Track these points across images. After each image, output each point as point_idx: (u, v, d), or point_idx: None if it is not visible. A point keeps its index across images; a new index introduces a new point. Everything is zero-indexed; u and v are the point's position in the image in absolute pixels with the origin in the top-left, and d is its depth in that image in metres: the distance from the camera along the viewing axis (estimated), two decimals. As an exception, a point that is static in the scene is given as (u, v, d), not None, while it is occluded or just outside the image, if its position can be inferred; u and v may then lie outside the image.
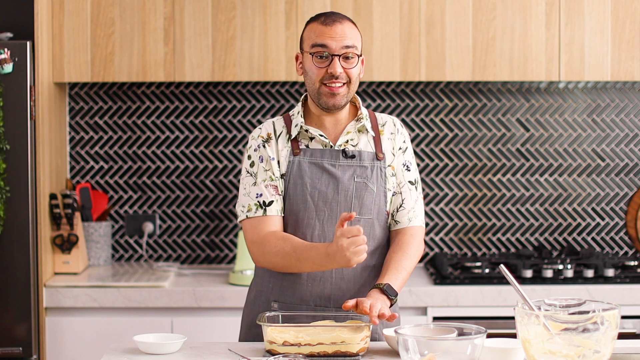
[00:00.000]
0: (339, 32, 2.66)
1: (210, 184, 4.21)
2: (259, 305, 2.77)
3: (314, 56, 2.68)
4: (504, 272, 2.29)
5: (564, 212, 4.22)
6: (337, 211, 2.70)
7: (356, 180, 2.72)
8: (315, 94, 2.71)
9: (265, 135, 2.78)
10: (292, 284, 2.72)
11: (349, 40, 2.67)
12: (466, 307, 3.69)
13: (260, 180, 2.73)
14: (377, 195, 2.73)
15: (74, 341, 3.70)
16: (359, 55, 2.70)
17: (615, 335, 2.12)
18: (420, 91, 4.20)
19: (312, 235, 2.70)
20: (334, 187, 2.71)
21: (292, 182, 2.72)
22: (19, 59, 3.61)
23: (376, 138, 2.78)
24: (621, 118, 4.21)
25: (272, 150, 2.75)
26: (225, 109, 4.20)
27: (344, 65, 2.67)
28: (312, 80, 2.70)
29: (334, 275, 2.71)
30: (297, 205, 2.70)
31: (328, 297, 2.71)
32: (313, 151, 2.74)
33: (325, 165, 2.73)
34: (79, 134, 4.20)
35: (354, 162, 2.73)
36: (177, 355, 2.50)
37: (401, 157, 2.80)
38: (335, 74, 2.66)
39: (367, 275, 2.73)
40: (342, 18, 2.70)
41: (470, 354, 2.14)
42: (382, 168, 2.75)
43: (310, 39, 2.69)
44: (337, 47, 2.66)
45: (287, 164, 2.73)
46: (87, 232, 4.03)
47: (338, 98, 2.69)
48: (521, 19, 3.86)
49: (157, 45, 3.85)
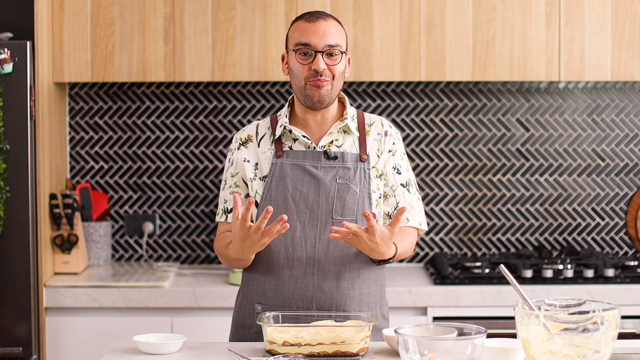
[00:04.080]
0: (322, 29, 2.67)
1: (210, 184, 4.21)
2: (245, 307, 2.78)
3: (297, 53, 2.69)
4: (504, 272, 2.29)
5: (564, 212, 4.22)
6: (319, 213, 2.70)
7: (338, 181, 2.71)
8: (301, 92, 2.71)
9: (245, 137, 2.81)
10: (275, 286, 2.72)
11: (332, 38, 2.67)
12: (466, 307, 3.69)
13: (227, 186, 2.80)
14: (360, 197, 2.71)
15: (74, 341, 3.70)
16: (342, 52, 2.70)
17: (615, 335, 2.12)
18: (420, 91, 4.20)
19: (293, 236, 2.70)
20: (315, 189, 2.71)
21: (275, 184, 2.72)
22: (19, 59, 3.61)
23: (361, 139, 2.77)
24: (621, 118, 4.21)
25: (249, 152, 2.78)
26: (225, 109, 4.20)
27: (328, 62, 2.67)
28: (297, 79, 2.70)
29: (316, 278, 2.70)
30: (279, 207, 2.70)
31: (310, 299, 2.70)
32: (295, 153, 2.74)
33: (307, 167, 2.72)
34: (79, 134, 4.20)
35: (337, 164, 2.72)
36: (177, 355, 2.50)
37: (391, 160, 2.78)
38: (319, 69, 2.66)
39: (350, 277, 2.72)
40: (326, 16, 2.71)
41: (470, 354, 2.14)
42: (365, 169, 2.73)
43: (294, 37, 2.71)
44: (320, 43, 2.66)
45: (270, 166, 2.74)
46: (87, 232, 4.03)
47: (323, 92, 2.68)
48: (521, 19, 3.86)
49: (157, 45, 3.86)
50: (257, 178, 2.75)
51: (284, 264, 2.71)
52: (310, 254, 2.70)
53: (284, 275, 2.71)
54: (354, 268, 2.72)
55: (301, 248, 2.70)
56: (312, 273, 2.70)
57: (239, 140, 2.82)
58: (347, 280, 2.72)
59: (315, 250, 2.70)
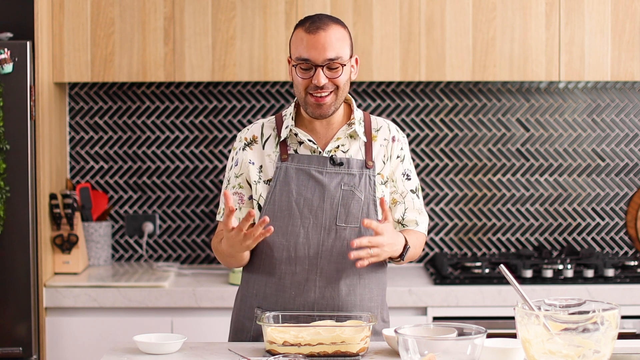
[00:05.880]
0: (321, 42, 2.59)
1: (210, 184, 4.21)
2: (244, 310, 2.76)
3: (297, 68, 2.64)
4: (504, 272, 2.29)
5: (564, 212, 4.22)
6: (323, 219, 2.67)
7: (343, 188, 2.68)
8: (303, 103, 2.67)
9: (250, 138, 2.77)
10: (276, 291, 2.70)
11: (332, 52, 2.60)
12: (466, 307, 3.69)
13: (231, 186, 2.76)
14: (365, 204, 2.69)
15: (74, 341, 3.70)
16: (343, 65, 2.63)
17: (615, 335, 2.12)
18: (420, 91, 4.20)
19: (297, 242, 2.68)
20: (320, 195, 2.68)
21: (279, 188, 2.69)
22: (19, 59, 3.61)
23: (367, 144, 2.73)
24: (621, 118, 4.21)
25: (254, 154, 2.74)
26: (225, 109, 4.20)
27: (329, 74, 2.61)
28: (298, 90, 2.66)
29: (318, 284, 2.69)
30: (282, 211, 2.68)
31: (312, 305, 2.69)
32: (301, 157, 2.71)
33: (312, 172, 2.70)
34: (79, 134, 4.20)
35: (342, 170, 2.69)
36: (177, 355, 2.50)
37: (400, 167, 2.76)
38: (319, 84, 2.60)
39: (352, 284, 2.71)
40: (327, 24, 2.62)
41: (470, 354, 2.14)
42: (371, 176, 2.71)
43: (295, 50, 2.64)
44: (319, 58, 2.59)
45: (275, 169, 2.71)
46: (87, 232, 4.03)
47: (324, 108, 2.64)
48: (521, 19, 3.86)
49: (157, 45, 3.86)
50: (262, 181, 2.72)
51: (286, 269, 2.69)
52: (312, 260, 2.68)
53: (286, 281, 2.69)
54: (356, 274, 2.71)
55: (304, 254, 2.68)
56: (314, 279, 2.69)
57: (244, 140, 2.77)
58: (349, 287, 2.70)
59: (318, 257, 2.68)
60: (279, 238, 2.68)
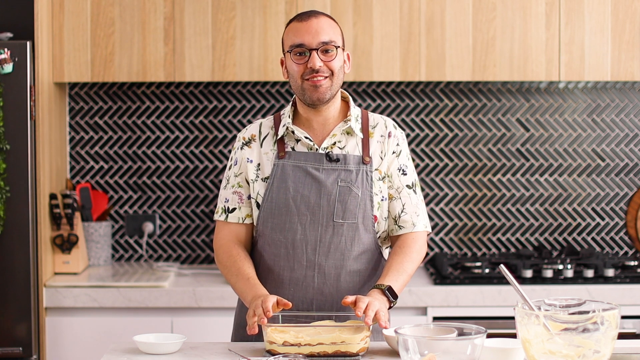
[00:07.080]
0: (314, 27, 2.65)
1: (210, 184, 4.21)
2: (246, 307, 2.76)
3: (292, 54, 2.67)
4: (504, 272, 2.29)
5: (564, 212, 4.22)
6: (320, 215, 2.68)
7: (340, 184, 2.69)
8: (300, 91, 2.68)
9: (248, 137, 2.78)
10: (275, 288, 2.71)
11: (325, 35, 2.65)
12: (466, 307, 3.69)
13: (230, 186, 2.77)
14: (362, 200, 2.69)
15: (74, 341, 3.70)
16: (338, 47, 2.67)
17: (615, 335, 2.12)
18: (420, 91, 4.20)
19: (294, 239, 2.69)
20: (317, 191, 2.69)
21: (276, 185, 2.70)
22: (19, 59, 3.61)
23: (364, 140, 2.74)
24: (621, 118, 4.21)
25: (252, 152, 2.76)
26: (225, 109, 4.20)
27: (323, 58, 2.65)
28: (294, 79, 2.68)
29: (317, 280, 2.69)
30: (280, 208, 2.69)
31: (310, 302, 2.70)
32: (297, 154, 2.72)
33: (309, 169, 2.71)
34: (79, 134, 4.20)
35: (339, 166, 2.71)
36: (177, 355, 2.50)
37: (396, 162, 2.76)
38: (315, 67, 2.63)
39: (351, 280, 2.71)
40: (318, 14, 2.69)
41: (470, 354, 2.14)
42: (368, 172, 2.71)
43: (288, 39, 2.69)
44: (313, 41, 2.64)
45: (272, 167, 2.72)
46: (87, 232, 4.04)
47: (321, 90, 2.66)
48: (521, 19, 3.86)
49: (157, 45, 3.86)
50: (259, 179, 2.73)
51: (284, 266, 2.70)
52: (310, 257, 2.69)
53: (284, 278, 2.70)
54: (354, 271, 2.72)
55: (302, 251, 2.69)
56: (313, 276, 2.69)
57: (242, 139, 2.79)
58: (348, 283, 2.71)
59: (316, 253, 2.69)
60: (276, 235, 2.69)
